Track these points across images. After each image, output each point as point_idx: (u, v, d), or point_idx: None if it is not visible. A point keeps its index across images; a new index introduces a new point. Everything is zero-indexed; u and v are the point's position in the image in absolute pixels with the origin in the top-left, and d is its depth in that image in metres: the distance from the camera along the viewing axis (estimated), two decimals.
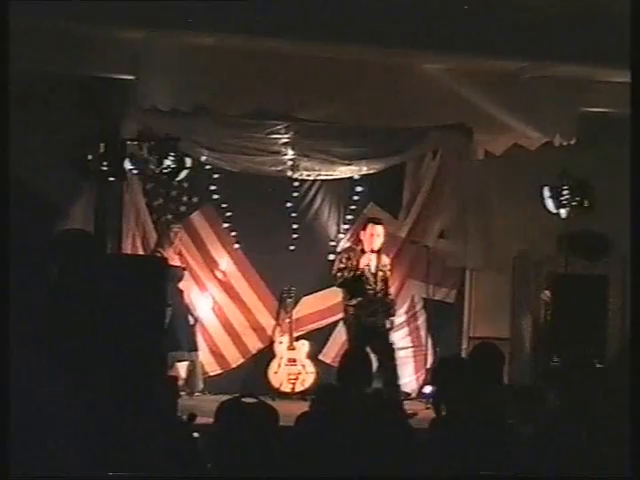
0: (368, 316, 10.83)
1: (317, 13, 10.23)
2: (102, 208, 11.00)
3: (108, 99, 11.03)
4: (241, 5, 9.98)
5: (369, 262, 10.95)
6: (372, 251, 11.00)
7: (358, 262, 10.87)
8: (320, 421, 5.91)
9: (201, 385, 11.78)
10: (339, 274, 10.88)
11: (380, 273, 11.06)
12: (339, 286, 11.00)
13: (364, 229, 11.13)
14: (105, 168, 9.96)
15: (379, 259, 11.07)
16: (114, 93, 11.11)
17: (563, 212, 11.36)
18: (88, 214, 10.91)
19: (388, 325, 11.04)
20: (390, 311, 11.10)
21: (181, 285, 11.51)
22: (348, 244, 11.91)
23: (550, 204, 11.41)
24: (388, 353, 10.87)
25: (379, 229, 11.05)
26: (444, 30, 10.55)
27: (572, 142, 12.07)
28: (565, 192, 11.30)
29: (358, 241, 11.21)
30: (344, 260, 10.91)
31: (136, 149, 10.33)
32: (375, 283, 10.98)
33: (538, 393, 7.01)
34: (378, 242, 11.04)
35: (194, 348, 11.65)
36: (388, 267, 11.24)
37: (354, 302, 10.90)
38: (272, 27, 10.36)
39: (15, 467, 3.87)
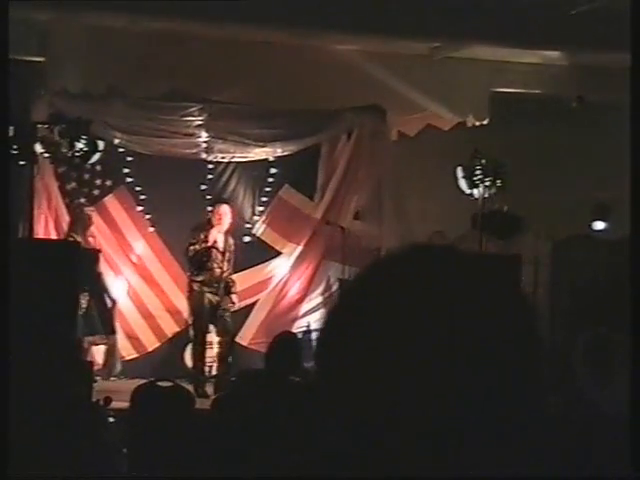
0: (212, 293, 10.91)
1: None
2: (13, 192, 10.82)
3: (16, 81, 10.84)
4: None
5: (217, 241, 10.99)
6: (222, 231, 11.05)
7: (207, 239, 10.90)
8: (236, 403, 5.90)
9: (119, 368, 11.69)
10: (190, 247, 10.89)
11: (227, 253, 11.12)
12: (190, 260, 10.99)
13: (213, 209, 11.12)
14: (15, 152, 9.81)
15: (227, 239, 11.13)
16: (23, 75, 10.93)
17: (476, 192, 11.47)
18: None
19: (229, 304, 11.15)
20: (232, 290, 11.17)
21: (97, 268, 11.38)
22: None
23: (464, 184, 11.50)
24: (227, 330, 11.02)
25: (224, 208, 11.06)
26: (357, 11, 10.57)
27: (485, 122, 12.20)
28: (478, 172, 11.39)
29: (207, 220, 11.18)
30: (195, 236, 10.92)
31: (47, 132, 10.18)
32: (222, 262, 11.03)
33: None
34: (225, 222, 11.04)
35: (111, 331, 11.54)
36: (233, 248, 11.28)
37: (200, 278, 10.93)
38: (185, 9, 10.29)
39: None
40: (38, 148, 9.95)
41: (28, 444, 4.47)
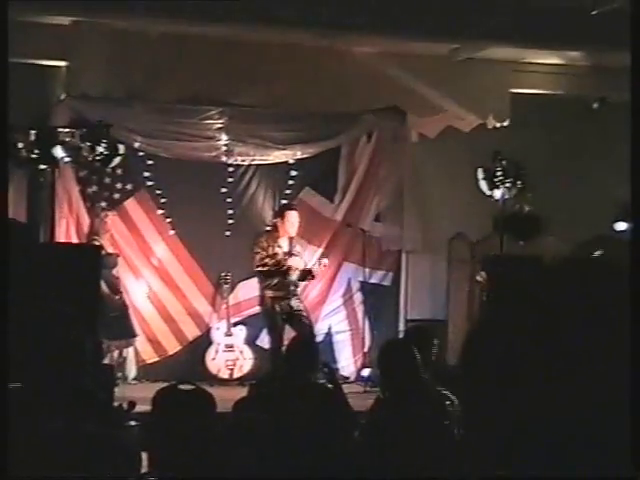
0: (284, 299, 10.91)
1: None
2: (34, 196, 10.90)
3: (38, 86, 10.90)
4: None
5: (284, 247, 11.01)
6: (288, 236, 11.07)
7: (275, 248, 10.92)
8: (258, 406, 5.90)
9: (134, 372, 11.72)
10: (262, 261, 10.91)
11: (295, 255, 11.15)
12: (262, 273, 11.02)
13: (281, 216, 11.15)
14: (36, 156, 9.84)
15: (293, 243, 11.15)
16: (44, 79, 10.99)
17: (497, 193, 11.45)
18: (20, 202, 10.78)
19: (302, 307, 11.18)
20: (308, 277, 11.25)
21: (115, 272, 11.41)
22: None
23: (484, 186, 11.48)
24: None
25: (293, 215, 11.10)
26: (376, 13, 10.56)
27: (505, 124, 12.17)
28: (499, 174, 11.37)
29: (274, 227, 11.24)
30: (264, 246, 10.93)
31: (68, 136, 10.21)
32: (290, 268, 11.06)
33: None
34: (294, 228, 11.11)
35: (131, 335, 11.58)
36: (301, 251, 11.33)
37: (272, 286, 10.96)
38: (205, 13, 10.30)
39: None
40: (59, 152, 9.97)
41: (45, 448, 4.47)
